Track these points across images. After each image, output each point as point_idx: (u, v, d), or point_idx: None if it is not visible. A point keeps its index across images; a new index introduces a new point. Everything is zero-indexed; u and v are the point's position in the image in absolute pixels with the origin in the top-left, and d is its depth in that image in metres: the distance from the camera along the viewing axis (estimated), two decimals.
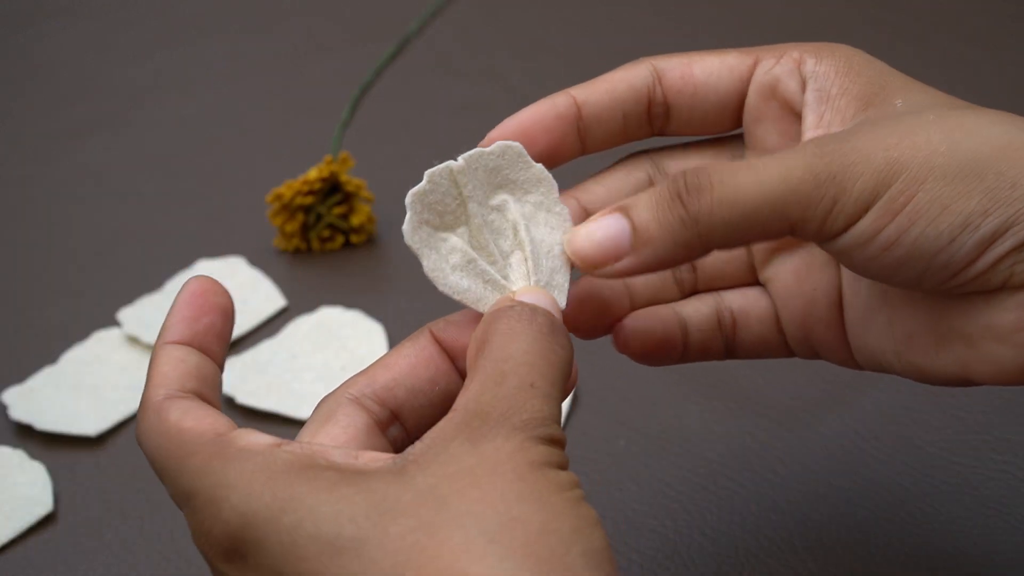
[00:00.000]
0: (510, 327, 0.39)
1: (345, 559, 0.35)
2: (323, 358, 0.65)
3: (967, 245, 0.40)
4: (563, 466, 0.37)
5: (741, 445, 0.60)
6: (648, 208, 0.41)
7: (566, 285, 0.44)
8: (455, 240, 0.43)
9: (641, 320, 0.47)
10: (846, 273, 0.46)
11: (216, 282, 0.42)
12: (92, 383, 0.66)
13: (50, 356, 0.67)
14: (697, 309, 0.47)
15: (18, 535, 0.59)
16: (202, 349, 0.41)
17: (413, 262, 0.42)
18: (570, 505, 0.35)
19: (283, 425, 0.63)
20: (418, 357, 0.42)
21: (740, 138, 0.47)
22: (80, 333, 0.69)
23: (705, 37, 0.91)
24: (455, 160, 0.43)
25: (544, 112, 0.45)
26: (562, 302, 0.43)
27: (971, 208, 0.40)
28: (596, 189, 0.46)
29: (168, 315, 0.41)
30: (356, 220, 0.73)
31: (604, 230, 0.42)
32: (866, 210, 0.40)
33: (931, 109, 0.42)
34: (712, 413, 0.61)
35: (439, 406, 0.42)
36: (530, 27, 0.93)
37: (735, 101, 0.46)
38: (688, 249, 0.41)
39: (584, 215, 0.45)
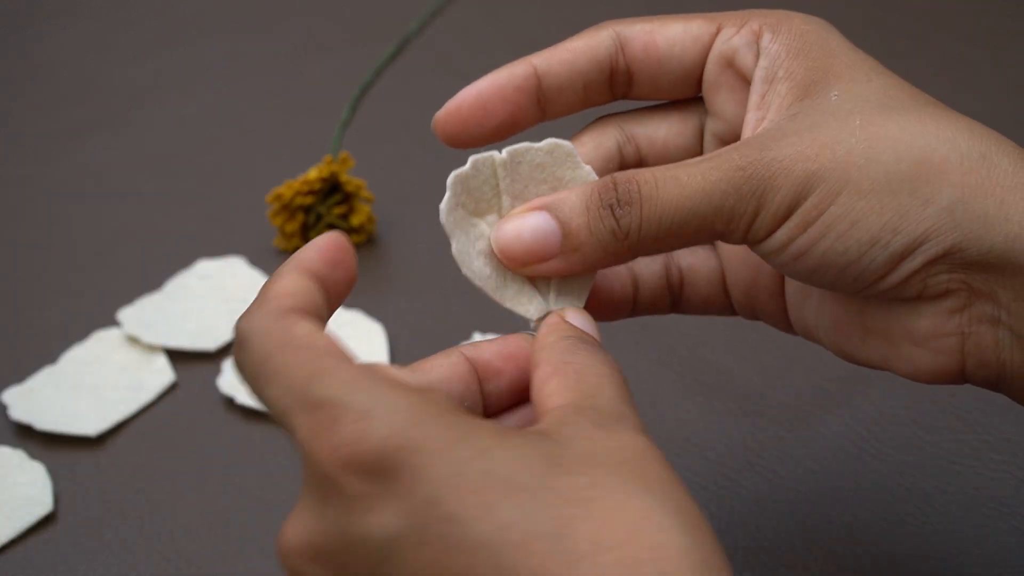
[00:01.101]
0: (588, 356, 0.40)
1: (519, 498, 0.34)
2: None
3: (876, 261, 0.41)
4: None
5: (741, 445, 0.60)
6: (579, 213, 0.42)
7: (589, 285, 0.44)
8: (484, 227, 0.43)
9: (600, 278, 0.47)
10: None
11: (349, 244, 0.40)
12: (92, 383, 0.66)
13: (50, 356, 0.67)
14: (647, 265, 0.48)
15: (18, 535, 0.59)
16: (324, 293, 0.39)
17: (413, 262, 0.42)
18: (703, 512, 0.36)
19: None
20: (452, 370, 0.42)
21: (702, 101, 0.47)
22: (80, 333, 0.69)
23: None
24: (499, 152, 0.43)
25: (503, 82, 0.45)
26: (581, 303, 0.44)
27: (881, 224, 0.40)
28: None
29: (305, 250, 0.39)
30: (356, 220, 0.73)
31: (532, 231, 0.42)
32: (784, 220, 0.41)
33: (861, 109, 0.42)
34: (712, 413, 0.61)
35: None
36: (530, 27, 0.93)
37: (698, 70, 0.46)
38: (616, 258, 0.42)
39: None
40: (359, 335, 0.67)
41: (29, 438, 0.63)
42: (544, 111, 0.46)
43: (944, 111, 0.42)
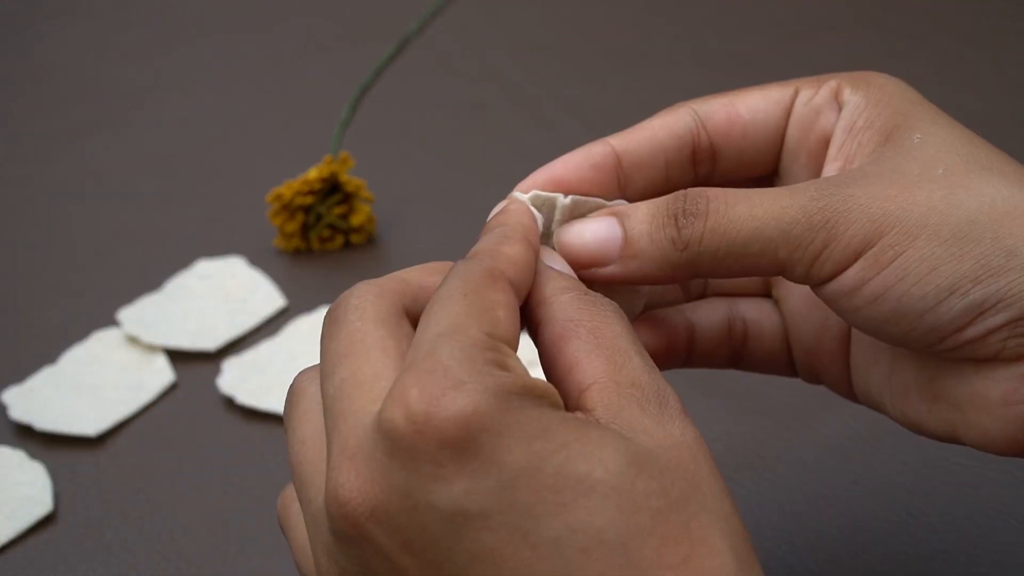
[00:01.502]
0: (597, 313, 0.39)
1: (592, 500, 0.34)
2: None
3: (954, 310, 0.39)
4: None
5: (741, 445, 0.60)
6: (643, 221, 0.41)
7: (636, 313, 0.44)
8: None
9: (647, 324, 0.46)
10: None
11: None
12: (92, 383, 0.66)
13: (50, 356, 0.67)
14: (707, 315, 0.47)
15: (18, 535, 0.59)
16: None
17: (413, 262, 0.42)
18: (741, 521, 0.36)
19: (283, 425, 0.63)
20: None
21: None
22: (80, 333, 0.69)
23: (703, 38, 0.91)
24: (563, 196, 0.43)
25: (579, 163, 0.44)
26: None
27: (961, 272, 0.39)
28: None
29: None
30: (356, 220, 0.73)
31: (595, 233, 0.42)
32: (855, 260, 0.39)
33: (944, 157, 0.40)
34: (712, 413, 0.61)
35: None
36: (530, 27, 0.93)
37: (781, 134, 0.45)
38: (674, 270, 0.41)
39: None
40: None
41: (29, 438, 0.63)
42: (624, 192, 0.44)
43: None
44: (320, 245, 0.74)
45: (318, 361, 0.40)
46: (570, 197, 0.43)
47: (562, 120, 0.82)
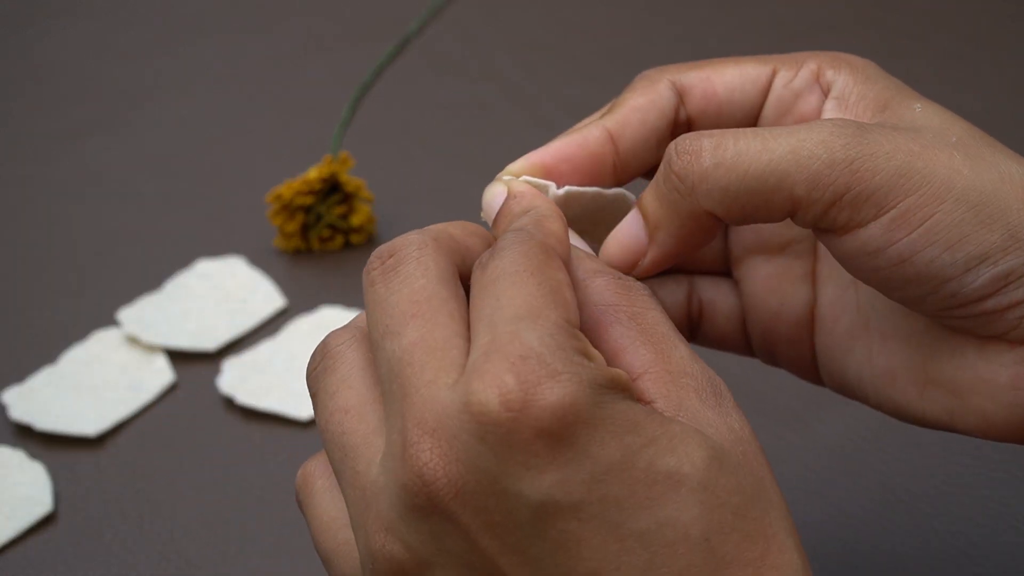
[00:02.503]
0: (634, 296, 0.39)
1: (680, 496, 0.34)
2: None
3: (981, 279, 0.38)
4: None
5: None
6: (651, 191, 0.40)
7: None
8: None
9: None
10: (827, 297, 0.45)
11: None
12: (92, 383, 0.66)
13: (50, 356, 0.67)
14: (671, 291, 0.46)
15: (18, 535, 0.59)
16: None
17: None
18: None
19: (283, 425, 0.63)
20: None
21: None
22: (80, 333, 0.69)
23: (703, 38, 0.91)
24: (556, 187, 0.42)
25: (573, 150, 0.43)
26: None
27: (992, 240, 0.37)
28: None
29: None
30: (356, 220, 0.73)
31: (625, 229, 0.41)
32: (877, 215, 0.38)
33: (951, 127, 0.39)
34: None
35: None
36: (530, 27, 0.93)
37: (756, 113, 0.44)
38: (696, 221, 0.40)
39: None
40: None
41: (29, 438, 0.63)
42: (618, 177, 0.43)
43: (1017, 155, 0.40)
44: (320, 245, 0.74)
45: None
46: (564, 189, 0.42)
47: (562, 120, 0.82)
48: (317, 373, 0.39)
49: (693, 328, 0.47)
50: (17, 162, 0.83)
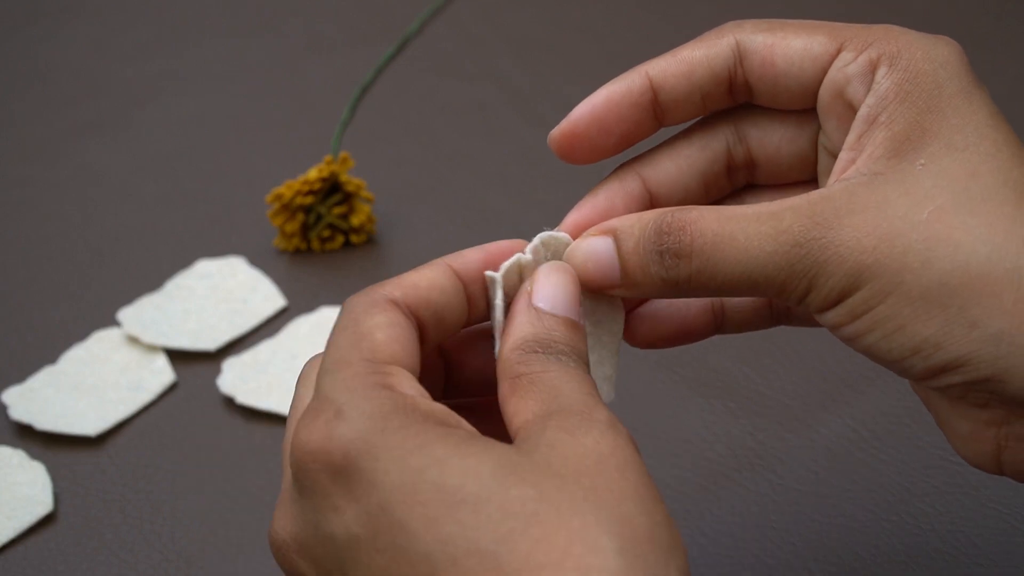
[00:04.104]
0: (542, 362, 0.40)
1: (462, 512, 0.35)
2: None
3: (916, 368, 0.40)
4: (649, 474, 0.37)
5: (741, 445, 0.60)
6: (635, 252, 0.42)
7: (614, 373, 0.44)
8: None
9: (652, 309, 0.46)
10: None
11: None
12: (92, 383, 0.66)
13: (50, 356, 0.67)
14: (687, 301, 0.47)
15: (18, 535, 0.59)
16: (469, 294, 0.42)
17: (413, 262, 0.42)
18: (665, 518, 0.36)
19: (283, 425, 0.63)
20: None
21: None
22: (80, 333, 0.69)
23: None
24: (524, 253, 0.43)
25: (618, 99, 0.44)
26: (611, 394, 0.44)
27: (925, 335, 0.40)
28: (665, 164, 0.45)
29: (473, 250, 0.43)
30: (356, 220, 0.73)
31: (596, 263, 0.42)
32: (834, 306, 0.41)
33: (937, 194, 0.40)
34: (712, 413, 0.61)
35: (453, 331, 0.42)
36: (530, 27, 0.93)
37: (815, 88, 0.44)
38: (675, 296, 0.43)
39: (647, 199, 0.45)
40: None
41: (29, 438, 0.63)
42: (661, 122, 0.45)
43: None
44: (320, 245, 0.74)
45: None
46: (529, 250, 0.43)
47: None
48: None
49: (779, 312, 0.47)
50: (17, 162, 0.83)
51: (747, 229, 0.41)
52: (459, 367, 0.44)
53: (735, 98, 0.45)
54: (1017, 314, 0.39)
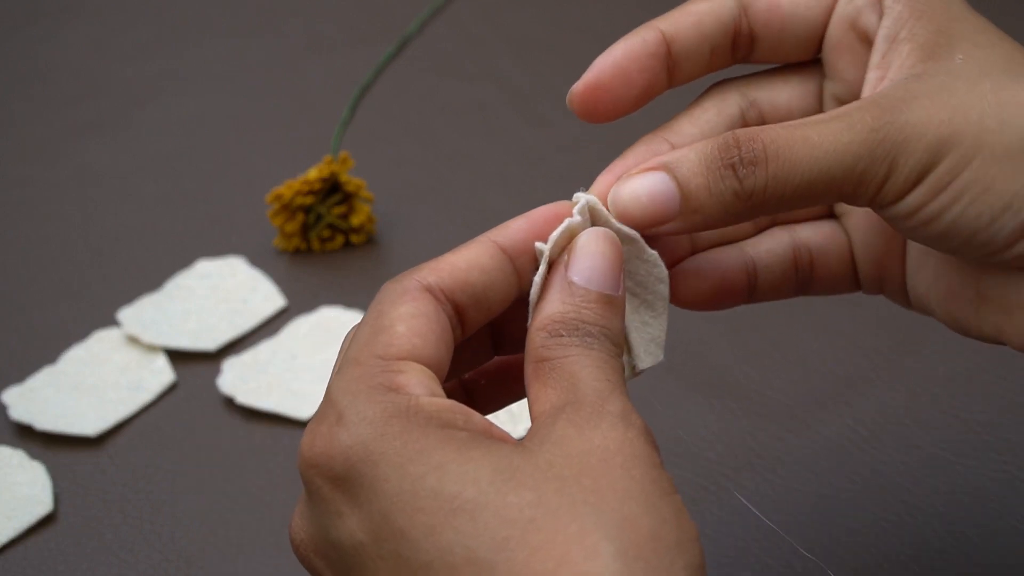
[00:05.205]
0: (565, 347, 0.39)
1: (460, 519, 0.34)
2: (323, 358, 0.65)
3: (1007, 227, 0.40)
4: (662, 464, 0.36)
5: (741, 445, 0.60)
6: (698, 173, 0.40)
7: (663, 324, 0.43)
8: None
9: (711, 266, 0.46)
10: None
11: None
12: (92, 383, 0.66)
13: (50, 356, 0.67)
14: (771, 249, 0.46)
15: (18, 535, 0.59)
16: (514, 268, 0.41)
17: (413, 262, 0.42)
18: (674, 513, 0.35)
19: (283, 425, 0.63)
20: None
21: (819, 63, 0.46)
22: (80, 333, 0.69)
23: None
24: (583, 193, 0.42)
25: (638, 50, 0.43)
26: (659, 355, 0.43)
27: (1015, 190, 0.40)
28: (688, 129, 0.45)
29: (520, 219, 0.41)
30: (356, 220, 0.73)
31: (650, 194, 0.41)
32: (916, 185, 0.40)
33: (989, 74, 0.41)
34: (712, 413, 0.61)
35: (500, 308, 0.41)
36: (530, 27, 0.93)
37: (821, 30, 0.45)
38: (737, 218, 0.41)
39: None
40: None
41: (29, 438, 0.63)
42: (672, 78, 0.44)
43: None
44: (320, 245, 0.74)
45: (318, 361, 0.41)
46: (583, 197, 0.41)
47: (562, 120, 0.82)
48: None
49: (803, 279, 0.47)
50: (17, 162, 0.83)
51: (819, 128, 0.40)
52: (504, 327, 0.43)
53: (736, 53, 0.45)
54: None
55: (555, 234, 0.41)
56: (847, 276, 0.47)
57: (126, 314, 0.69)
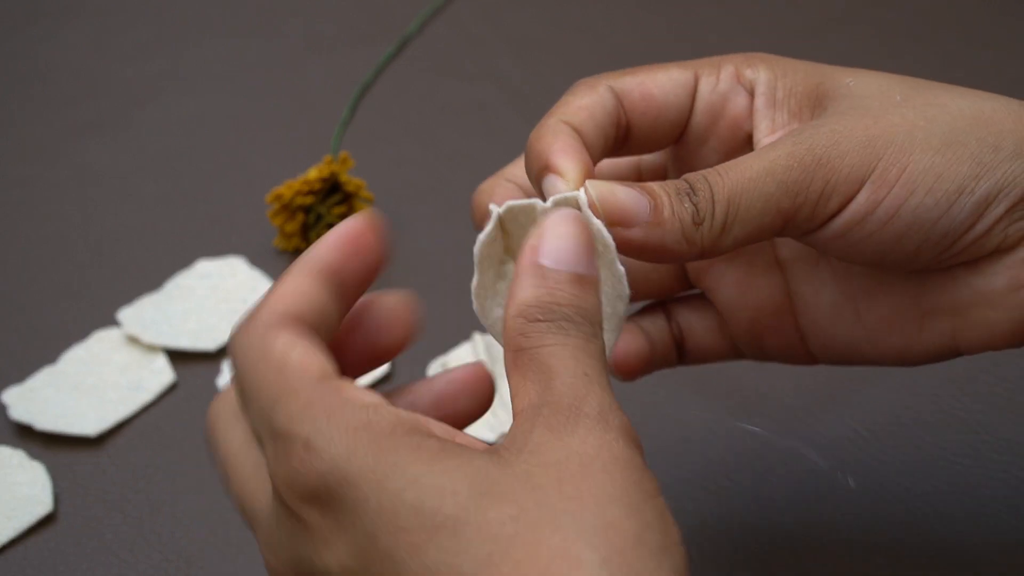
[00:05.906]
0: (544, 335, 0.38)
1: (442, 537, 0.34)
2: None
3: (965, 209, 0.41)
4: (644, 465, 0.36)
5: (741, 445, 0.60)
6: (664, 193, 0.41)
7: (609, 352, 0.43)
8: (509, 268, 0.42)
9: (632, 340, 0.48)
10: (799, 280, 0.46)
11: (375, 227, 0.41)
12: (92, 383, 0.66)
13: (50, 356, 0.67)
14: (653, 321, 0.49)
15: (18, 535, 0.59)
16: (335, 288, 0.40)
17: (413, 262, 0.42)
18: (658, 516, 0.35)
19: None
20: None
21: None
22: (80, 333, 0.69)
23: (703, 37, 0.91)
24: (543, 201, 0.42)
25: (572, 139, 0.43)
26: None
27: (963, 173, 0.40)
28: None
29: (317, 245, 0.40)
30: None
31: (626, 192, 0.41)
32: (860, 186, 0.41)
33: (892, 88, 0.42)
34: (712, 413, 0.61)
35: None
36: (530, 27, 0.93)
37: (686, 116, 0.45)
38: (688, 245, 0.41)
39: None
40: None
41: (29, 438, 0.63)
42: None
43: (967, 88, 0.43)
44: None
45: None
46: (551, 200, 0.41)
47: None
48: None
49: (680, 350, 0.49)
50: (17, 162, 0.83)
51: (744, 157, 0.41)
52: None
53: (618, 144, 0.45)
54: (1021, 132, 0.41)
55: (513, 203, 0.41)
56: (721, 346, 0.49)
57: (126, 314, 0.69)
